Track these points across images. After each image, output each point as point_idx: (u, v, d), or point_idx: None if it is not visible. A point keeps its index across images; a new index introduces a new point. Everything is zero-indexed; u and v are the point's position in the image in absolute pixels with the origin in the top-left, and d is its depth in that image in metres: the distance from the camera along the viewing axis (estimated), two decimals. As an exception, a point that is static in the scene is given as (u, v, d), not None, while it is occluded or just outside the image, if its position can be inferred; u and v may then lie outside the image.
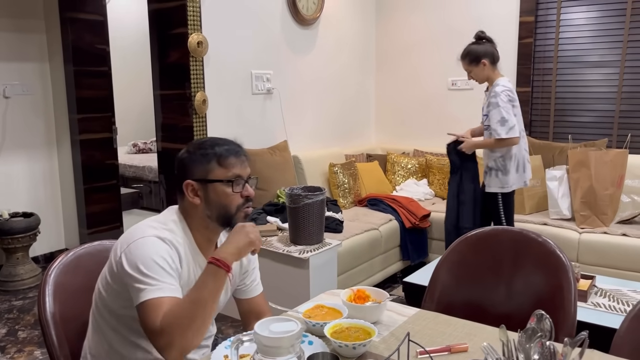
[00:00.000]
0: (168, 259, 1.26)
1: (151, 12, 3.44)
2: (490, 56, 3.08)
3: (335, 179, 3.93)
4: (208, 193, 1.34)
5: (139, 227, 1.32)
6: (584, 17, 3.99)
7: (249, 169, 1.39)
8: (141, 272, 1.22)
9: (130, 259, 1.24)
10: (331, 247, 3.00)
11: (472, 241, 1.85)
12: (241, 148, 1.39)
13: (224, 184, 1.34)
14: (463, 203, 3.23)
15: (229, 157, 1.35)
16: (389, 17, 4.83)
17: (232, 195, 1.34)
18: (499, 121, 2.96)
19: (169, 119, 3.49)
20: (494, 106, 2.98)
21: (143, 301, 1.20)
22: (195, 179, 1.34)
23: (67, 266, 1.58)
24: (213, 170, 1.33)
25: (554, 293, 1.66)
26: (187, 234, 1.36)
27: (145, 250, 1.24)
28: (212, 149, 1.34)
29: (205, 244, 1.40)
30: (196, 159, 1.35)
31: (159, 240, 1.28)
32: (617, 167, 3.39)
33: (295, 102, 4.12)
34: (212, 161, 1.33)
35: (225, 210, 1.35)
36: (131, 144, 6.70)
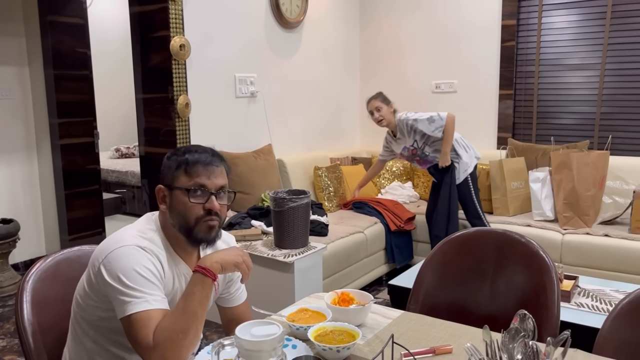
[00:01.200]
0: (151, 268, 1.22)
1: (133, 15, 3.40)
2: (392, 103, 3.56)
3: (320, 183, 3.92)
4: (172, 200, 1.30)
5: (116, 236, 1.28)
6: (565, 20, 4.03)
7: (222, 180, 1.32)
8: (123, 283, 1.18)
9: (110, 269, 1.20)
10: (316, 251, 2.99)
11: (456, 243, 1.85)
12: (215, 158, 1.32)
13: (183, 192, 1.28)
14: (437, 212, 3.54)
15: (196, 165, 1.29)
16: (373, 20, 4.85)
17: (190, 205, 1.28)
18: (429, 121, 3.39)
19: (152, 123, 3.45)
20: (415, 123, 3.42)
21: (130, 314, 1.16)
22: (165, 184, 1.32)
23: (45, 272, 1.54)
24: (178, 177, 1.29)
25: (538, 293, 1.66)
26: (165, 243, 1.32)
27: (125, 261, 1.20)
28: (183, 155, 1.30)
29: (185, 255, 1.36)
30: (169, 164, 1.32)
31: (138, 249, 1.23)
32: (598, 169, 3.43)
33: (280, 106, 4.11)
34: (180, 168, 1.29)
35: (185, 220, 1.29)
36: (114, 149, 6.63)
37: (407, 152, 3.58)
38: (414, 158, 3.59)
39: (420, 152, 3.52)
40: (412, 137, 3.49)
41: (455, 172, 3.47)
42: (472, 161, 3.50)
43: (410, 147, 3.53)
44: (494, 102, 4.29)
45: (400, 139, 3.57)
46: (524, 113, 4.26)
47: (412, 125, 3.44)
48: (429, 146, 3.49)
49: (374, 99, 3.52)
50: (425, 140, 3.47)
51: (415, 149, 3.52)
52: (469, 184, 3.48)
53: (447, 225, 3.47)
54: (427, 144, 3.48)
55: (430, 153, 3.51)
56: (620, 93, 3.89)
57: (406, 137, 3.52)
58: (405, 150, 3.58)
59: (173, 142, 3.34)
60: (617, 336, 1.35)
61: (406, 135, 3.51)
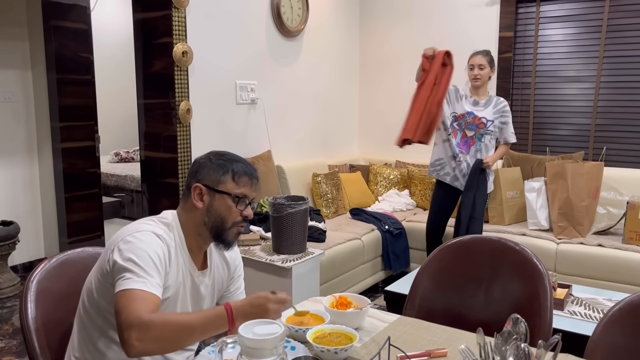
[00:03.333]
0: (160, 255, 1.29)
1: (136, 21, 3.45)
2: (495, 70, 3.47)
3: (318, 189, 3.96)
4: (213, 201, 1.38)
5: (134, 223, 1.36)
6: (561, 33, 4.10)
7: (255, 193, 1.44)
8: (133, 261, 1.24)
9: (124, 250, 1.26)
10: (314, 257, 3.02)
11: (452, 249, 1.89)
12: (256, 172, 1.45)
13: (231, 198, 1.38)
14: (474, 218, 3.33)
15: (244, 176, 1.40)
16: (373, 30, 4.91)
17: (234, 210, 1.39)
18: (512, 132, 3.43)
19: (153, 128, 3.49)
20: (509, 115, 3.40)
21: (128, 289, 1.20)
22: (206, 184, 1.38)
23: (49, 273, 1.58)
24: (225, 182, 1.38)
25: (531, 300, 1.70)
26: (180, 236, 1.39)
27: (139, 243, 1.27)
28: (231, 163, 1.40)
29: (196, 250, 1.43)
30: (213, 167, 1.40)
31: (154, 235, 1.31)
32: (593, 179, 3.47)
33: (279, 113, 4.15)
34: (228, 174, 1.39)
35: (222, 222, 1.39)
36: (113, 153, 6.66)
37: (471, 118, 3.31)
38: (470, 128, 3.32)
39: (483, 132, 3.32)
40: (495, 116, 3.32)
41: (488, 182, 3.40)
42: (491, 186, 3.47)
43: (482, 118, 3.31)
44: (491, 113, 4.34)
45: (480, 106, 3.34)
46: (520, 124, 4.31)
47: (506, 111, 3.35)
48: (492, 138, 3.35)
49: (481, 54, 3.36)
50: (494, 132, 3.34)
51: (484, 125, 3.32)
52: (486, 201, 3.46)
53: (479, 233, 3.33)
54: (492, 135, 3.34)
55: (486, 142, 3.32)
56: (614, 105, 3.95)
57: (489, 110, 3.33)
58: (471, 117, 3.31)
59: (174, 148, 3.38)
60: (607, 342, 1.39)
61: (490, 109, 3.33)
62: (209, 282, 1.48)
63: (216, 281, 1.50)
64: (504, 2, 4.21)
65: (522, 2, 4.19)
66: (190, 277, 1.41)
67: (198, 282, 1.43)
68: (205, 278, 1.46)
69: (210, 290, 1.49)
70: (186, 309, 1.41)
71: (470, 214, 3.31)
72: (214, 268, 1.50)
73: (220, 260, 1.52)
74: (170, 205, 3.47)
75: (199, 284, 1.44)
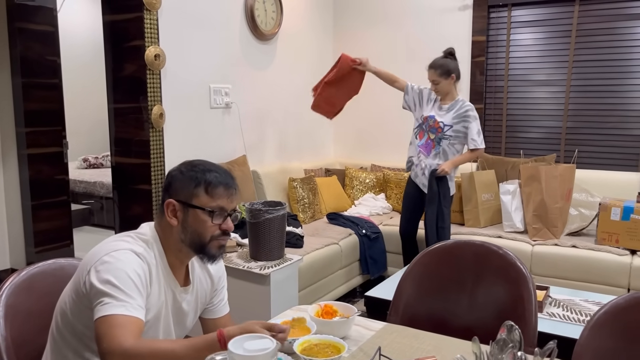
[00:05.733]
0: (141, 275, 1.22)
1: (106, 23, 3.35)
2: (457, 73, 3.38)
3: (294, 194, 3.92)
4: (187, 217, 1.31)
5: (111, 240, 1.28)
6: (532, 37, 4.16)
7: (235, 202, 1.36)
8: (112, 284, 1.16)
9: (101, 271, 1.19)
10: (292, 263, 2.98)
11: (436, 254, 1.88)
12: (233, 180, 1.36)
13: (205, 213, 1.30)
14: (443, 228, 3.37)
15: (218, 187, 1.31)
16: (346, 33, 4.90)
17: (210, 225, 1.31)
18: (477, 132, 3.33)
19: (124, 133, 3.40)
20: (472, 119, 3.33)
21: (108, 315, 1.13)
22: (178, 200, 1.31)
23: (19, 287, 1.50)
24: (198, 196, 1.30)
25: (515, 304, 1.70)
26: (160, 253, 1.32)
27: (118, 264, 1.20)
28: (203, 174, 1.31)
29: (177, 265, 1.36)
30: (184, 180, 1.31)
31: (132, 254, 1.23)
32: (565, 182, 3.53)
33: (254, 117, 4.10)
34: (200, 186, 1.30)
35: (200, 238, 1.31)
36: (81, 159, 6.49)
37: (432, 121, 3.35)
38: (430, 131, 3.36)
39: (441, 134, 3.33)
40: (454, 121, 3.30)
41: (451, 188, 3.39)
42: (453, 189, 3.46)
43: (440, 122, 3.33)
44: (465, 116, 4.37)
45: (443, 110, 3.35)
46: (493, 127, 4.36)
47: (468, 116, 3.29)
48: (450, 144, 3.34)
49: (432, 70, 3.33)
50: (453, 136, 3.32)
51: (441, 130, 3.32)
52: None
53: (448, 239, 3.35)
54: (450, 140, 3.33)
55: (443, 146, 3.34)
56: (584, 109, 4.03)
57: (449, 115, 3.32)
58: (432, 120, 3.35)
59: (146, 153, 3.29)
60: (595, 346, 1.39)
61: (451, 114, 3.32)
62: (192, 298, 1.41)
63: (199, 295, 1.44)
64: (477, 7, 4.26)
65: (494, 7, 4.24)
66: (172, 295, 1.35)
67: (180, 299, 1.37)
68: (187, 295, 1.39)
69: (193, 305, 1.43)
70: (168, 328, 1.35)
71: (438, 225, 3.36)
72: (196, 283, 1.43)
73: (203, 273, 1.46)
74: (142, 212, 3.39)
75: (181, 300, 1.37)
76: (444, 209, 3.35)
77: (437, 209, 3.34)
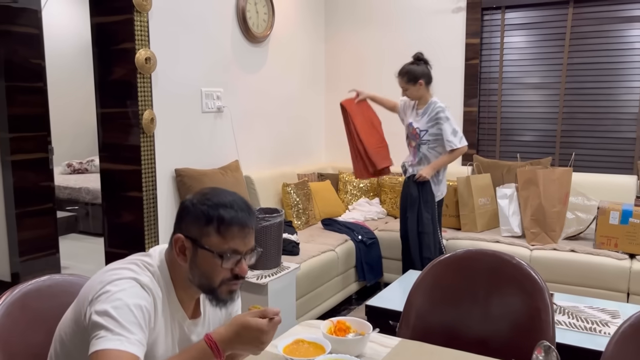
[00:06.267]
0: (144, 309, 1.11)
1: (94, 25, 3.24)
2: (426, 77, 3.33)
3: (288, 200, 3.84)
4: (196, 257, 1.17)
5: (115, 267, 1.17)
6: (526, 40, 4.14)
7: (252, 241, 1.20)
8: (110, 315, 1.06)
9: (101, 301, 1.08)
10: (290, 271, 2.90)
11: (446, 264, 1.82)
12: (251, 217, 1.19)
13: (214, 256, 1.15)
14: (424, 233, 3.33)
15: (232, 227, 1.15)
16: (338, 35, 4.84)
17: (220, 269, 1.17)
18: (452, 132, 3.24)
19: (113, 139, 3.29)
20: (444, 120, 3.26)
21: (102, 349, 1.03)
22: (187, 237, 1.17)
23: (12, 306, 1.40)
24: (209, 236, 1.15)
25: (531, 316, 1.65)
26: (168, 285, 1.20)
27: (119, 294, 1.09)
28: (216, 210, 1.15)
29: (186, 299, 1.24)
30: (196, 214, 1.17)
31: (137, 284, 1.12)
32: (563, 185, 3.50)
33: (247, 121, 4.01)
34: (211, 225, 1.15)
35: (209, 281, 1.18)
36: (65, 164, 6.33)
37: (411, 129, 3.37)
38: (411, 138, 3.39)
39: (418, 142, 3.33)
40: (428, 125, 3.28)
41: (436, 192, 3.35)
42: (443, 193, 3.42)
43: (417, 129, 3.32)
44: (459, 119, 4.34)
45: (419, 116, 3.34)
46: (488, 130, 4.33)
47: (439, 118, 3.25)
48: (429, 148, 3.32)
49: (399, 77, 3.34)
50: (431, 140, 3.30)
51: (418, 136, 3.32)
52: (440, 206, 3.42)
53: (433, 245, 3.33)
54: (429, 144, 3.31)
55: (423, 151, 3.33)
56: (579, 112, 4.02)
57: (424, 119, 3.31)
58: (411, 127, 3.37)
59: (137, 159, 3.19)
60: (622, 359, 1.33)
61: (425, 118, 3.30)
62: (203, 330, 1.30)
63: (212, 326, 1.33)
64: (470, 9, 4.23)
65: (488, 9, 4.21)
66: (180, 329, 1.24)
67: (189, 332, 1.26)
68: (197, 327, 1.28)
69: None
70: None
71: (419, 230, 3.33)
72: (208, 314, 1.32)
73: None
74: (133, 220, 3.28)
75: (189, 333, 1.26)
76: (424, 213, 3.31)
77: (417, 214, 3.32)
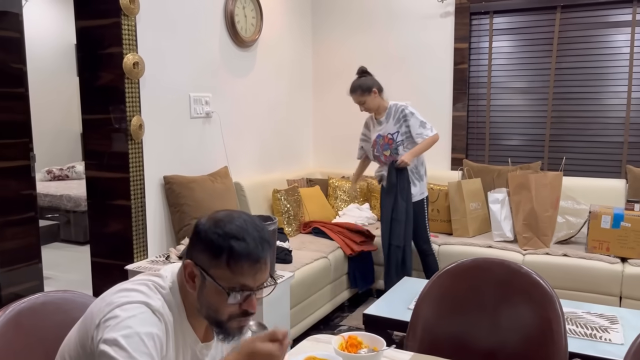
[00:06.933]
0: (155, 338, 1.04)
1: (80, 29, 3.15)
2: (377, 86, 3.43)
3: (279, 206, 3.78)
4: (204, 287, 1.10)
5: (124, 287, 1.10)
6: (514, 45, 4.16)
7: (266, 275, 1.11)
8: (119, 346, 1.00)
9: (110, 328, 1.02)
10: (284, 280, 2.84)
11: (453, 274, 1.78)
12: (264, 250, 1.09)
13: (222, 291, 1.07)
14: (395, 221, 3.38)
15: (242, 261, 1.07)
16: (325, 40, 4.80)
17: (226, 304, 1.09)
18: (420, 125, 3.34)
19: (100, 145, 3.19)
20: (410, 116, 3.36)
21: None
22: (197, 263, 1.10)
23: (5, 326, 1.33)
24: (218, 267, 1.07)
25: (542, 326, 1.62)
26: (180, 309, 1.13)
27: (129, 321, 1.02)
28: (227, 240, 1.07)
29: (198, 322, 1.17)
30: (206, 243, 1.09)
31: (148, 310, 1.06)
32: (554, 190, 3.51)
33: (235, 126, 3.95)
34: (222, 256, 1.07)
35: (216, 315, 1.10)
36: (45, 171, 6.17)
37: (382, 140, 3.42)
38: (385, 149, 3.42)
39: (394, 145, 3.38)
40: (396, 126, 3.37)
41: (413, 190, 3.39)
42: (425, 190, 3.48)
43: (387, 135, 3.39)
44: (448, 123, 4.34)
45: (383, 124, 3.42)
46: (477, 134, 4.34)
47: (405, 115, 3.35)
48: (405, 148, 3.37)
49: (353, 95, 3.41)
50: (404, 139, 3.36)
51: (392, 140, 3.38)
52: (424, 206, 3.44)
53: (404, 236, 3.38)
54: (404, 144, 3.37)
55: (400, 152, 3.37)
56: (567, 116, 4.04)
57: (390, 123, 3.39)
58: (380, 139, 3.42)
59: (125, 167, 3.10)
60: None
61: (391, 121, 3.38)
62: (216, 352, 1.24)
63: (224, 348, 1.27)
64: (458, 13, 4.23)
65: (476, 14, 4.22)
66: (191, 352, 1.18)
67: (201, 356, 1.20)
68: (210, 350, 1.22)
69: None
70: None
71: (392, 216, 3.38)
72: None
73: None
74: (121, 229, 3.19)
75: (201, 357, 1.20)
76: (400, 201, 3.35)
77: (392, 200, 3.36)
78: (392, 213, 3.38)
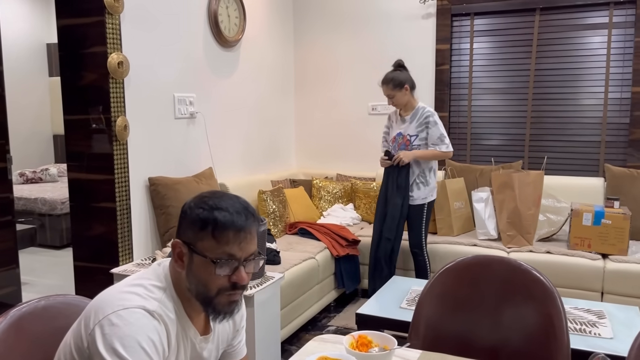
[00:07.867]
0: (156, 342, 1.03)
1: (61, 28, 3.08)
2: (410, 83, 3.41)
3: (265, 207, 3.76)
4: (192, 263, 1.09)
5: (120, 289, 1.08)
6: (495, 46, 4.23)
7: (253, 246, 1.12)
8: (118, 355, 0.98)
9: (108, 335, 1.00)
10: (274, 281, 2.82)
11: (454, 271, 1.80)
12: (248, 221, 1.10)
13: (207, 261, 1.07)
14: (389, 215, 3.41)
15: (227, 231, 1.07)
16: (306, 41, 4.80)
17: (215, 276, 1.08)
18: (439, 137, 3.35)
19: (82, 147, 3.12)
20: (432, 124, 3.36)
21: None
22: (184, 241, 1.11)
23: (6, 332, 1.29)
24: (203, 240, 1.08)
25: (544, 322, 1.64)
26: (176, 303, 1.12)
27: (128, 328, 1.00)
28: (211, 212, 1.08)
29: (195, 314, 1.17)
30: (192, 218, 1.10)
31: (146, 314, 1.04)
32: (536, 188, 3.58)
33: (220, 127, 3.91)
34: (207, 228, 1.08)
35: (205, 289, 1.09)
36: (18, 173, 6.00)
37: (400, 139, 3.41)
38: (401, 149, 3.40)
39: (410, 148, 3.37)
40: (418, 129, 3.36)
41: (416, 192, 3.39)
42: (433, 194, 3.47)
43: (407, 136, 3.39)
44: (430, 124, 4.37)
45: (406, 123, 3.40)
46: (458, 135, 4.39)
47: (428, 122, 3.34)
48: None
49: (385, 85, 3.37)
50: (421, 145, 3.37)
51: (409, 142, 3.38)
52: (423, 211, 3.43)
53: (396, 231, 3.40)
54: (420, 149, 3.37)
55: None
56: (546, 116, 4.13)
57: (413, 125, 3.37)
58: (400, 137, 3.41)
59: (110, 168, 3.04)
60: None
61: (414, 123, 3.37)
62: (213, 346, 1.24)
63: (220, 341, 1.28)
64: (440, 15, 4.28)
65: (457, 15, 4.27)
66: (192, 346, 1.17)
67: (200, 350, 1.19)
68: (208, 343, 1.22)
69: (215, 353, 1.27)
70: None
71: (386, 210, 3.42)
72: (217, 330, 1.26)
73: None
74: (105, 232, 3.12)
75: (201, 351, 1.20)
76: (396, 198, 3.37)
77: (390, 194, 3.41)
78: (387, 207, 3.40)
